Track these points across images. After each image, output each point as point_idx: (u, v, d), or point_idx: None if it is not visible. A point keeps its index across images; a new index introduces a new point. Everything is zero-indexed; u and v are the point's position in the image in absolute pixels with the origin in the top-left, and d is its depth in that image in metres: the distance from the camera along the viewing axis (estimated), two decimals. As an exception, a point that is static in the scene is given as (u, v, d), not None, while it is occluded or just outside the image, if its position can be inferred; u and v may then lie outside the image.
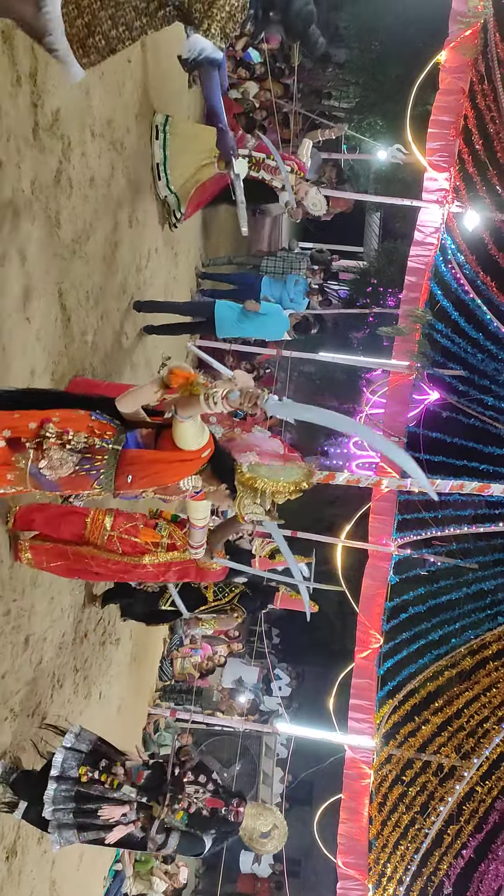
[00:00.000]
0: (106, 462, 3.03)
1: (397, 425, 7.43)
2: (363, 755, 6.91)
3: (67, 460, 2.89)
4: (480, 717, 6.50)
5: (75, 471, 2.94)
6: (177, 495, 3.39)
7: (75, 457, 2.92)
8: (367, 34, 11.82)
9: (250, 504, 3.30)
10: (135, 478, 3.10)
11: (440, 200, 7.01)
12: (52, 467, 2.87)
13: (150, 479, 3.15)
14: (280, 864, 12.55)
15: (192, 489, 3.32)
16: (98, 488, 3.09)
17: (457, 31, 6.73)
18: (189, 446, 3.08)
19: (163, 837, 4.07)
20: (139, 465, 3.08)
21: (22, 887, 4.53)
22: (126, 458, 3.06)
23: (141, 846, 4.15)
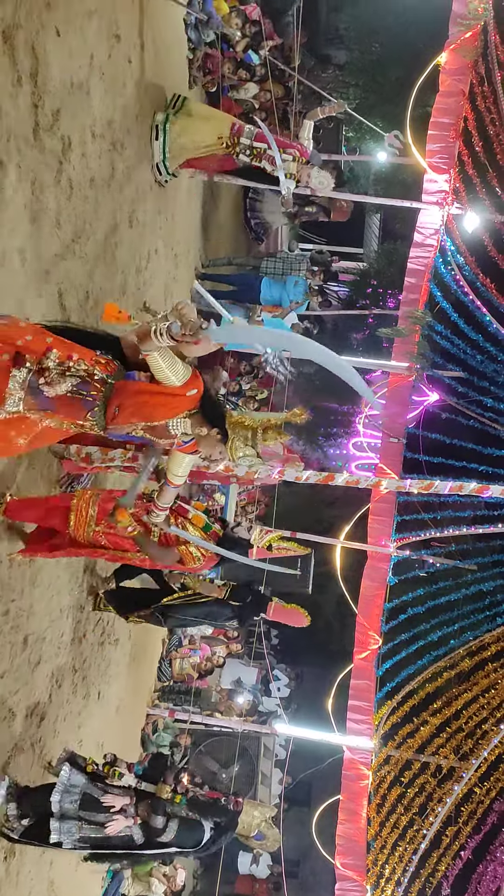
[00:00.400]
0: (102, 394, 3.13)
1: (397, 426, 7.42)
2: (362, 756, 6.90)
3: (66, 380, 2.99)
4: (479, 718, 6.49)
5: (72, 391, 3.03)
6: (166, 439, 3.37)
7: (74, 379, 3.02)
8: (367, 36, 11.83)
9: (242, 447, 3.30)
10: (121, 408, 3.19)
11: (440, 202, 7.01)
12: (49, 383, 2.95)
13: (135, 410, 3.22)
14: (278, 866, 12.54)
15: (181, 434, 3.31)
16: (91, 421, 3.16)
17: (457, 33, 6.73)
18: (169, 381, 3.16)
19: (163, 821, 4.07)
20: (125, 394, 3.18)
21: (20, 888, 4.53)
22: (114, 388, 3.17)
23: (139, 847, 4.15)
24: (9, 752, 4.25)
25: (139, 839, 4.11)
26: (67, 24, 4.30)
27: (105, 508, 4.25)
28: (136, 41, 5.79)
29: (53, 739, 4.79)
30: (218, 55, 8.34)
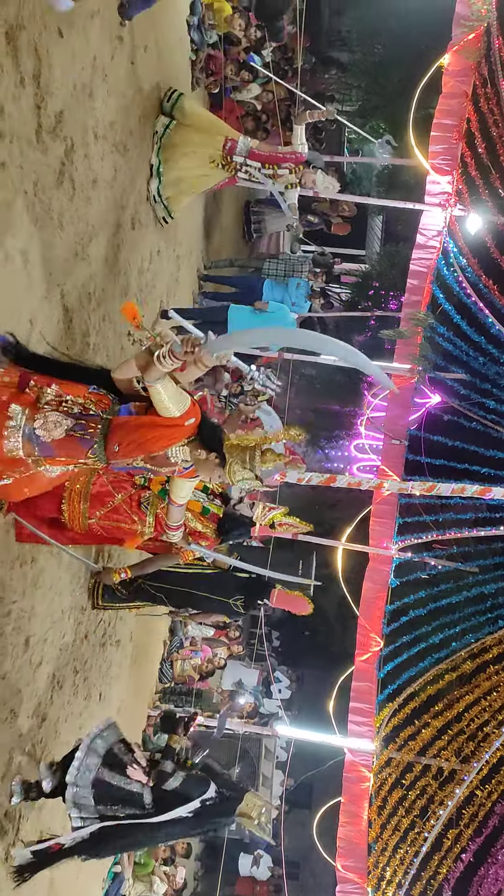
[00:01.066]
0: (100, 431, 3.14)
1: (399, 428, 7.42)
2: (363, 758, 6.90)
3: (62, 423, 3.01)
4: (481, 720, 6.48)
5: (69, 434, 3.04)
6: (167, 467, 3.38)
7: (69, 420, 3.04)
8: (369, 38, 11.85)
9: (240, 470, 3.30)
10: (121, 444, 3.19)
11: (443, 204, 7.01)
12: (46, 428, 2.97)
13: (136, 445, 3.22)
14: (279, 868, 12.53)
15: (181, 462, 3.32)
16: (92, 457, 3.17)
17: (460, 35, 6.73)
18: (170, 412, 3.15)
19: (172, 766, 4.11)
20: (125, 430, 3.18)
21: (21, 887, 4.52)
22: (113, 424, 3.17)
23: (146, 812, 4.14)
24: (10, 752, 4.24)
25: (148, 801, 4.14)
26: (70, 25, 4.30)
27: (97, 496, 4.21)
28: (139, 43, 5.80)
29: (55, 740, 4.79)
30: (221, 56, 8.35)
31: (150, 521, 4.34)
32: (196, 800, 4.11)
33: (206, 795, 4.16)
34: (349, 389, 12.85)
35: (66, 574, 4.93)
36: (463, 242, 6.87)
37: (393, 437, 7.34)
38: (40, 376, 3.13)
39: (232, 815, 4.23)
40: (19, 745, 4.32)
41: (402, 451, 7.30)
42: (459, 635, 6.95)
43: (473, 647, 6.94)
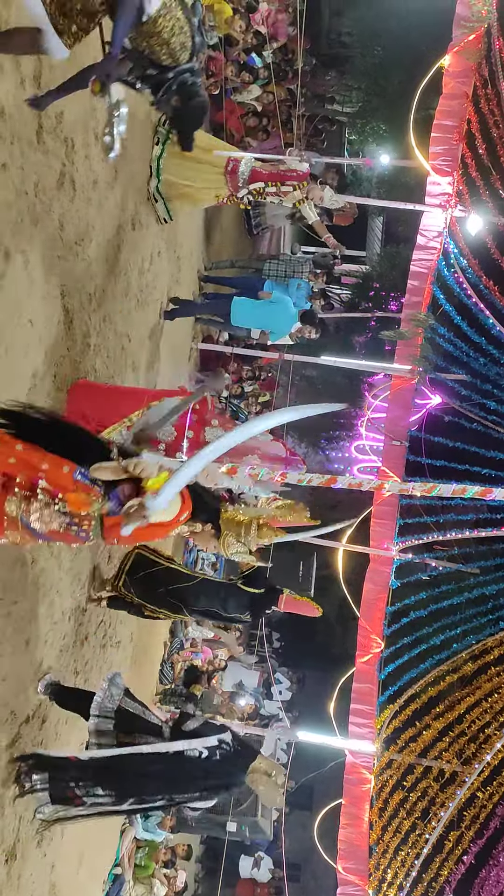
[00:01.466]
0: (93, 527, 3.20)
1: (399, 429, 7.41)
2: (364, 760, 6.88)
3: (55, 519, 3.07)
4: (482, 722, 6.46)
5: (64, 528, 3.11)
6: (163, 538, 3.44)
7: (63, 517, 3.09)
8: (369, 39, 11.82)
9: (234, 543, 3.32)
10: (120, 541, 3.29)
11: (443, 205, 7.00)
12: (42, 521, 3.04)
13: (133, 539, 3.31)
14: (280, 870, 12.50)
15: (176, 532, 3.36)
16: (92, 541, 3.28)
17: (460, 36, 6.72)
18: (164, 518, 3.23)
19: (194, 708, 4.18)
20: (119, 529, 3.21)
21: (21, 891, 4.52)
22: (107, 524, 3.19)
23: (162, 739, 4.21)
24: (10, 753, 4.24)
25: (167, 733, 4.22)
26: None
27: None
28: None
29: (55, 741, 4.78)
30: (221, 58, 8.35)
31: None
32: (213, 737, 4.14)
33: (223, 736, 4.21)
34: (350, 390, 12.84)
35: (66, 575, 4.92)
36: (464, 243, 6.87)
37: (393, 438, 7.32)
38: (26, 459, 3.06)
39: (246, 769, 4.23)
40: (19, 746, 4.31)
41: (402, 452, 7.29)
42: (460, 637, 6.93)
43: (475, 648, 6.93)
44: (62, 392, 4.44)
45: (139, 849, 7.49)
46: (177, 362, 8.47)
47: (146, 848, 7.57)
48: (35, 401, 4.10)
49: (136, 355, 6.16)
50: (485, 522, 7.32)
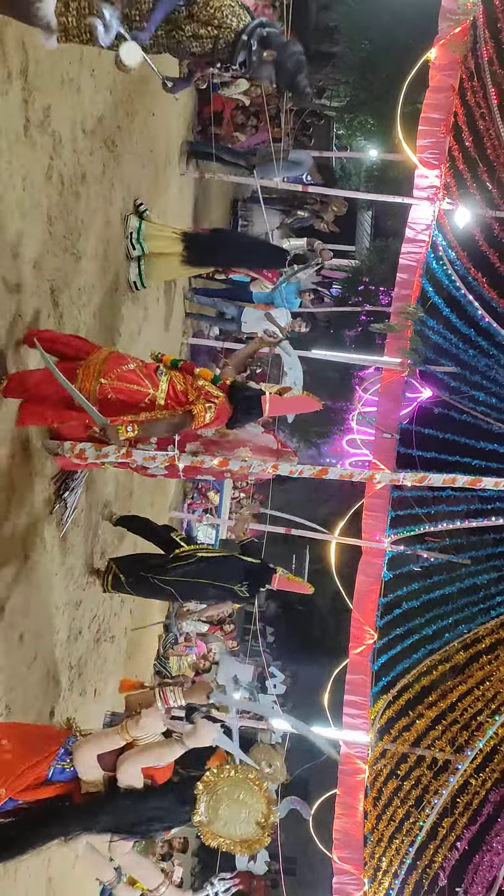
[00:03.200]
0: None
1: (390, 422, 7.46)
2: (358, 750, 6.94)
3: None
4: (474, 710, 6.53)
5: None
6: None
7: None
8: (356, 33, 11.85)
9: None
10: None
11: (431, 197, 7.04)
12: None
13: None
14: (276, 862, 12.56)
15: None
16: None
17: (446, 29, 6.75)
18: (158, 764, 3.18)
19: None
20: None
21: (18, 885, 4.53)
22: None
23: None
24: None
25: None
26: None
27: (113, 359, 4.06)
28: (126, 38, 5.78)
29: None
30: (208, 52, 8.33)
31: (164, 387, 4.10)
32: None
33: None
34: (341, 384, 12.88)
35: (60, 570, 4.94)
36: (452, 236, 6.91)
37: (384, 431, 7.37)
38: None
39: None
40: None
41: (393, 445, 7.34)
42: (452, 626, 7.00)
43: (466, 637, 7.00)
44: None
45: (135, 842, 7.50)
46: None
47: (142, 842, 7.59)
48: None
49: (126, 349, 6.17)
50: (475, 513, 7.38)
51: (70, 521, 4.86)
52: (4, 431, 3.91)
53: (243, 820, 2.93)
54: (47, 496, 4.54)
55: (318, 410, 4.60)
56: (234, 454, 4.56)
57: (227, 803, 2.89)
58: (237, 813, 2.91)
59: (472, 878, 6.36)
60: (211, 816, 2.90)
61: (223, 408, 4.09)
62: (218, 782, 2.93)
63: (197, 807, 2.90)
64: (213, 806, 2.90)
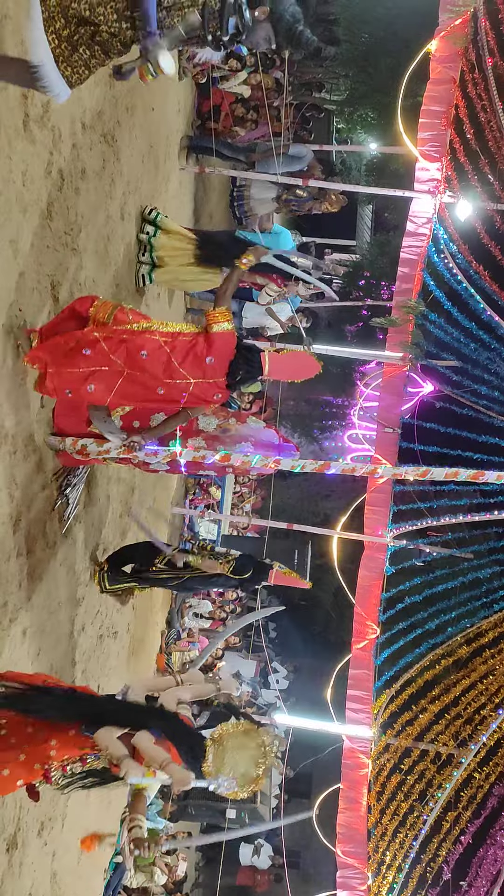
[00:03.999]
0: (98, 763, 3.48)
1: (392, 417, 7.44)
2: (361, 745, 6.94)
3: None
4: (477, 704, 6.54)
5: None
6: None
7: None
8: (356, 26, 11.79)
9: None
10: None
11: (432, 190, 7.00)
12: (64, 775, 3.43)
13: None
14: (280, 856, 12.60)
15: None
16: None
17: (447, 21, 6.71)
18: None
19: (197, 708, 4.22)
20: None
21: (23, 879, 4.54)
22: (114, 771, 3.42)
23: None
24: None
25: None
26: (56, 14, 4.27)
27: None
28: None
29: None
30: (206, 46, 8.29)
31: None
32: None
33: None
34: (342, 379, 12.86)
35: (62, 566, 4.94)
36: (453, 229, 6.88)
37: (386, 426, 7.36)
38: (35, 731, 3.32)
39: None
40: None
41: (395, 440, 7.32)
42: (455, 621, 7.00)
43: (469, 631, 7.00)
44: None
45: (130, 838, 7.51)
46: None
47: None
48: (27, 390, 4.10)
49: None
50: (478, 507, 7.36)
51: (72, 517, 4.86)
52: (6, 428, 3.90)
53: (245, 764, 3.30)
54: (49, 492, 4.53)
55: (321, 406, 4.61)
56: (236, 449, 4.56)
57: (230, 752, 3.25)
58: (239, 760, 3.31)
59: (476, 872, 6.37)
60: (217, 765, 3.26)
61: (228, 342, 3.99)
62: (223, 736, 3.32)
63: (206, 757, 3.25)
64: (219, 756, 3.27)
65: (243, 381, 4.11)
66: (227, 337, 4.01)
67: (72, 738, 3.37)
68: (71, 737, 3.36)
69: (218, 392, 4.05)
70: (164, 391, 4.00)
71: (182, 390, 3.99)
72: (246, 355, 4.07)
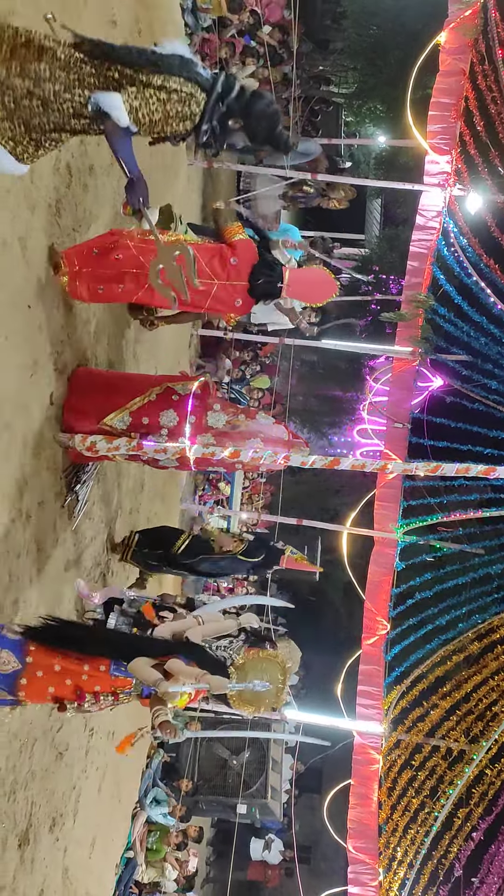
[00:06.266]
0: (129, 699, 3.62)
1: (401, 412, 7.41)
2: (372, 741, 6.93)
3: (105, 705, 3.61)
4: (489, 700, 6.51)
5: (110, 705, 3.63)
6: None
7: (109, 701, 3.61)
8: (364, 18, 11.71)
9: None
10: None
11: (442, 184, 6.96)
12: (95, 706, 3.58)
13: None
14: (290, 851, 12.63)
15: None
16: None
17: (456, 12, 6.65)
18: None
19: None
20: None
21: (35, 874, 4.56)
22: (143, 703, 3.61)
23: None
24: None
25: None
26: (63, 10, 4.25)
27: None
28: (133, 27, 5.74)
29: (62, 730, 4.82)
30: (215, 40, 8.28)
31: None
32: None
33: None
34: (352, 374, 12.82)
35: (72, 562, 4.94)
36: (463, 222, 6.83)
37: (395, 421, 7.32)
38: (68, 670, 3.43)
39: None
40: (29, 734, 4.34)
41: (405, 435, 7.29)
42: (466, 616, 6.97)
43: (480, 627, 6.96)
44: (63, 378, 4.44)
45: (151, 832, 7.55)
46: (177, 348, 8.45)
47: (157, 832, 7.65)
48: (37, 388, 4.10)
49: (136, 342, 6.15)
50: (489, 502, 7.32)
51: (82, 513, 4.86)
52: (16, 425, 3.90)
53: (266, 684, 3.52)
54: (59, 489, 4.54)
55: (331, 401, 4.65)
56: (246, 445, 4.54)
57: (252, 674, 3.58)
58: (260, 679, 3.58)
59: (488, 869, 6.35)
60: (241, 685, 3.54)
61: (250, 247, 4.20)
62: (246, 662, 3.68)
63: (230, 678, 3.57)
64: (241, 678, 3.56)
65: (264, 287, 4.29)
66: (248, 243, 4.22)
67: (103, 674, 3.50)
68: (102, 673, 3.49)
69: (239, 298, 4.22)
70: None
71: (206, 291, 4.15)
72: (268, 260, 4.30)
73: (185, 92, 2.92)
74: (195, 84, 2.96)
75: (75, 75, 2.87)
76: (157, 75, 2.87)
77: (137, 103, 2.85)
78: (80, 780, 5.26)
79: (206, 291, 4.15)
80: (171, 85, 2.89)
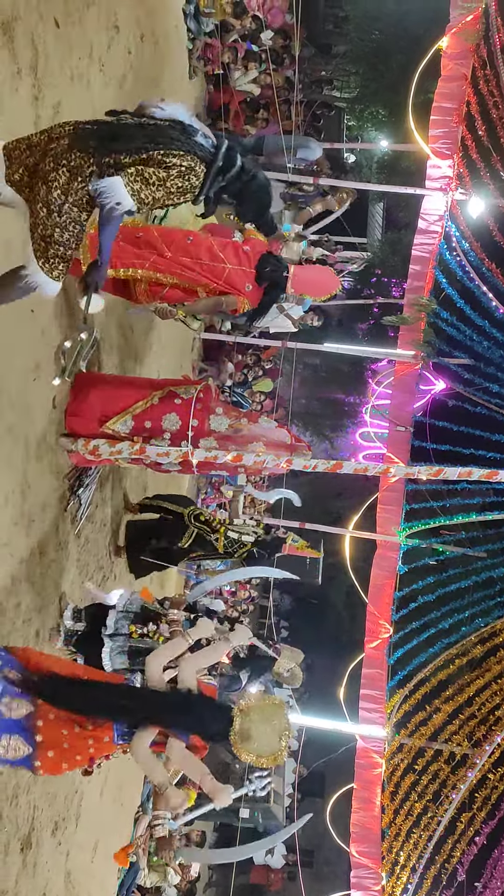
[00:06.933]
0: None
1: (404, 415, 7.42)
2: (374, 745, 6.92)
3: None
4: (492, 704, 6.50)
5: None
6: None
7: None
8: (366, 23, 11.75)
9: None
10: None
11: (444, 188, 6.97)
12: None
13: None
14: (293, 855, 12.61)
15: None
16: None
17: (458, 17, 6.68)
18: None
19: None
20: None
21: (37, 879, 4.56)
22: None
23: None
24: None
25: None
26: (66, 15, 4.28)
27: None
28: (136, 32, 5.77)
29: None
30: (218, 45, 8.31)
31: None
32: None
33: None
34: (354, 377, 12.83)
35: (74, 566, 4.95)
36: (465, 226, 6.84)
37: (398, 424, 7.33)
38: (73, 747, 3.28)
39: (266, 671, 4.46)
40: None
41: (407, 438, 7.30)
42: (469, 620, 6.96)
43: (483, 631, 6.96)
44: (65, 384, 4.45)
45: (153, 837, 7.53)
46: (180, 352, 8.47)
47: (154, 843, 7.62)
48: (39, 391, 4.12)
49: (139, 346, 6.16)
50: (491, 506, 7.32)
51: (84, 517, 4.87)
52: (19, 429, 3.92)
53: (269, 736, 3.40)
54: (62, 493, 4.55)
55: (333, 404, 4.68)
56: (248, 449, 4.55)
57: (256, 724, 3.38)
58: (264, 731, 3.42)
59: (491, 874, 6.33)
60: (243, 735, 3.37)
61: (262, 242, 4.50)
62: (250, 707, 3.45)
63: (233, 726, 3.34)
64: (244, 727, 3.38)
65: (271, 275, 4.47)
66: (261, 241, 4.55)
67: (108, 744, 3.40)
68: (107, 743, 3.39)
69: (249, 283, 4.43)
70: (202, 272, 4.40)
71: (218, 274, 4.39)
72: (276, 255, 4.60)
73: (185, 166, 2.86)
74: (194, 157, 2.91)
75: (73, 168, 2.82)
76: (156, 150, 2.83)
77: (138, 186, 2.79)
78: (82, 784, 5.26)
79: (219, 272, 4.38)
80: (169, 160, 2.84)
